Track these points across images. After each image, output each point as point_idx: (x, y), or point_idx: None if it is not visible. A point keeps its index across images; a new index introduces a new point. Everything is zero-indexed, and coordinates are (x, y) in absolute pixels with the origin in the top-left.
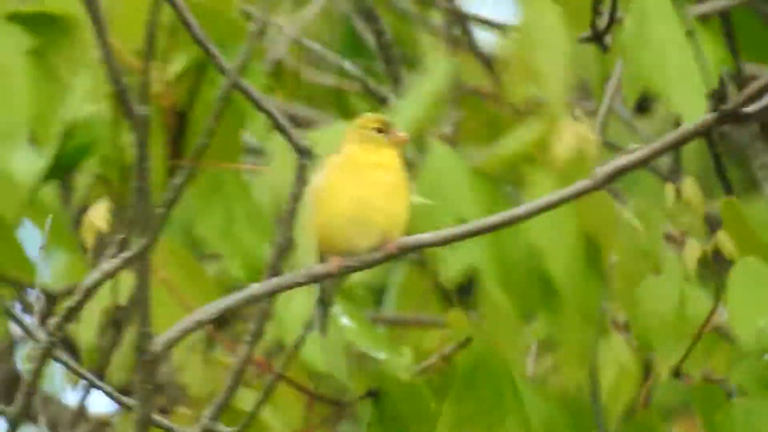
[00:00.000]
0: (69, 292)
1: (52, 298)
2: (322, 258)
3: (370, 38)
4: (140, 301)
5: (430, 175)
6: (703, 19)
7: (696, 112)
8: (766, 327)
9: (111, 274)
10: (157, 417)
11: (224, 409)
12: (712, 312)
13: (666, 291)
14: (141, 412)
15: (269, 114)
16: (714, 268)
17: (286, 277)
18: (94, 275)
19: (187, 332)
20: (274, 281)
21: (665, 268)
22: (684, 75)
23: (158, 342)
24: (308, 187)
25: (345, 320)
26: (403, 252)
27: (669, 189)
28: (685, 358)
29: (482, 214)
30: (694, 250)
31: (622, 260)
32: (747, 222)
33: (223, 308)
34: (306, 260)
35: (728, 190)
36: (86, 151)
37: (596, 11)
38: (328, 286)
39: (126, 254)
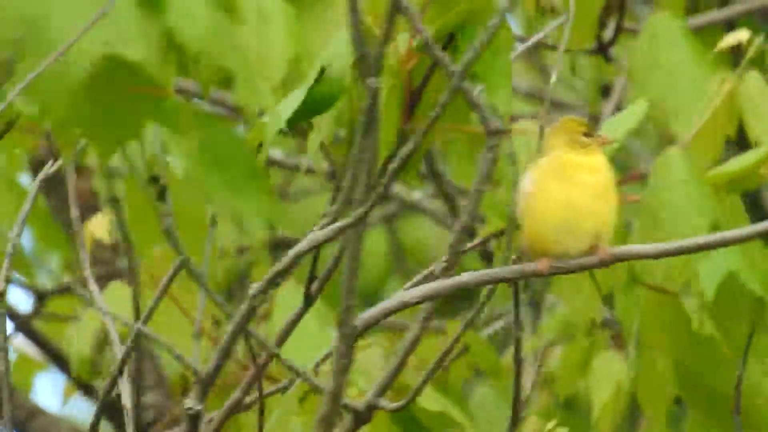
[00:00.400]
0: (60, 291)
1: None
2: (533, 258)
3: None
4: (350, 271)
5: (659, 182)
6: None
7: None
8: None
9: (322, 243)
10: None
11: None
12: None
13: None
14: (335, 384)
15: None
16: None
17: (496, 270)
18: (304, 244)
19: (390, 312)
20: (485, 272)
21: None
22: (693, 100)
23: (362, 318)
24: (517, 190)
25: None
26: (615, 261)
27: None
28: None
29: (708, 228)
30: None
31: None
32: None
33: (429, 293)
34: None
35: None
36: (333, 99)
37: (602, 23)
38: (539, 287)
39: (341, 223)
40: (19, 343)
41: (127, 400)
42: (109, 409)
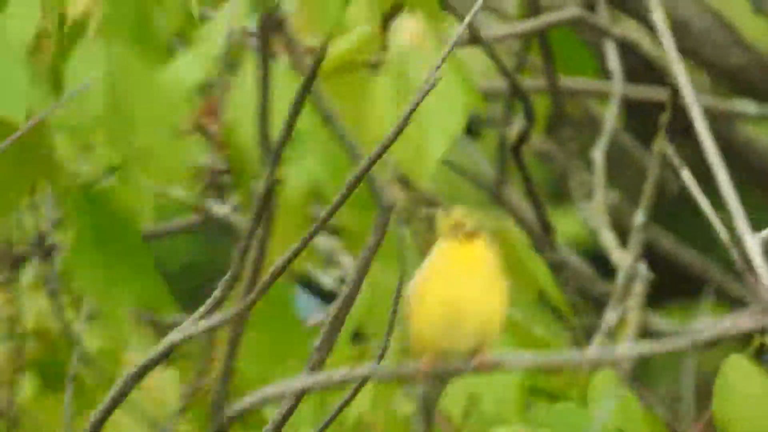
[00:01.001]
0: None
1: None
2: (416, 358)
3: None
4: (229, 353)
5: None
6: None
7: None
8: None
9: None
10: None
11: None
12: None
13: None
14: None
15: None
16: None
17: (372, 367)
18: (176, 335)
19: (263, 402)
20: (360, 369)
21: None
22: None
23: (233, 408)
24: (406, 289)
25: None
26: (490, 370)
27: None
28: None
29: None
30: None
31: None
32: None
33: (309, 384)
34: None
35: (542, 220)
36: None
37: None
38: (429, 395)
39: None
40: None
41: None
42: None
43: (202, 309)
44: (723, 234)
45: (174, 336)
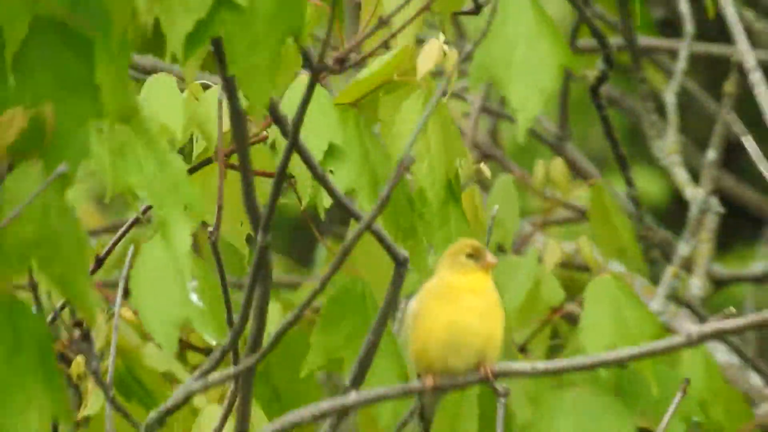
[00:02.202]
0: None
1: None
2: (419, 375)
3: None
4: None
5: None
6: None
7: (531, 111)
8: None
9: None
10: None
11: None
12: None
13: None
14: None
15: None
16: None
17: (382, 389)
18: (180, 392)
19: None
20: (368, 393)
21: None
22: (527, 72)
23: None
24: (406, 311)
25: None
26: (497, 377)
27: (539, 167)
28: (532, 337)
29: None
30: (553, 252)
31: None
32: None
33: (308, 416)
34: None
35: (618, 155)
36: None
37: None
38: (428, 404)
39: (232, 370)
40: None
41: None
42: None
43: (206, 365)
44: None
45: (177, 393)
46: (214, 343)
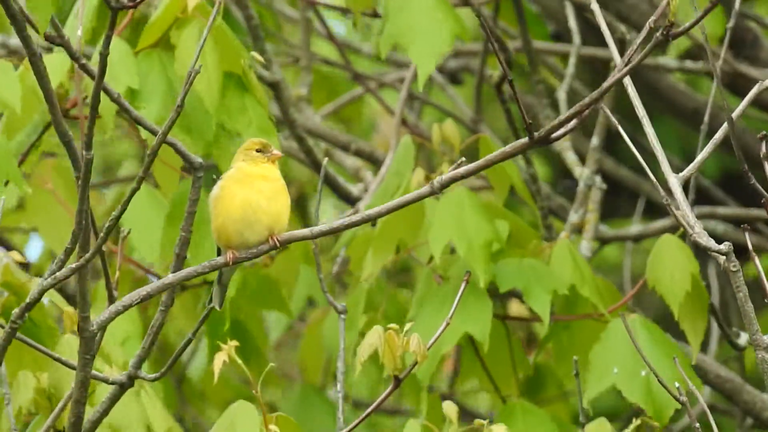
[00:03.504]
0: None
1: None
2: (220, 251)
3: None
4: (81, 293)
5: None
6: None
7: (428, 67)
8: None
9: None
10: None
11: None
12: None
13: None
14: (81, 375)
15: (171, 144)
16: None
17: (192, 268)
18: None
19: (116, 315)
20: (185, 271)
21: None
22: (426, 37)
23: (94, 323)
24: (209, 196)
25: None
26: (283, 244)
27: (435, 129)
28: None
29: None
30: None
31: None
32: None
33: (144, 296)
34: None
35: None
36: None
37: None
38: (226, 272)
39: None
40: None
41: None
42: None
43: (53, 266)
44: (651, 174)
45: (43, 283)
46: None
